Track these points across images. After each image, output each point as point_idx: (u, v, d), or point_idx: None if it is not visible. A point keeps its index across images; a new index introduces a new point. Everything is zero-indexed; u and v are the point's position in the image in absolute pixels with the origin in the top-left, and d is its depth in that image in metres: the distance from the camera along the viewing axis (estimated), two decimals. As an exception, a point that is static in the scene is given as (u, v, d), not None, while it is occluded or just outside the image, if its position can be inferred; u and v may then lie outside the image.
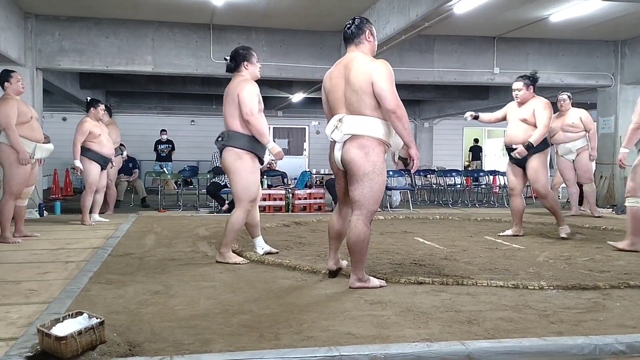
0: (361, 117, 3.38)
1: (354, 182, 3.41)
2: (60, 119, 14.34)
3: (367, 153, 3.36)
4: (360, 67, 3.40)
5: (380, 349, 2.36)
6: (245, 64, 4.36)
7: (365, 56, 3.50)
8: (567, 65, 9.71)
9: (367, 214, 3.40)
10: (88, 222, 6.80)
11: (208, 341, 2.47)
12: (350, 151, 3.39)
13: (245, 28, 8.81)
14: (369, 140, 3.38)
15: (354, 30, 3.56)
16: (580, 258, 4.61)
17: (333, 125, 3.44)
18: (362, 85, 3.36)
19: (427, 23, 6.50)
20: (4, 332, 2.69)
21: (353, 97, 3.39)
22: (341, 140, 3.43)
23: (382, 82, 3.33)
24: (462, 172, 12.49)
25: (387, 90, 3.33)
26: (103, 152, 6.95)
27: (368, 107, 3.37)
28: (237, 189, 4.31)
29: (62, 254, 4.80)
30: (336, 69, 3.56)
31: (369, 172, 3.35)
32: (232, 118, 4.26)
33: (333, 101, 3.52)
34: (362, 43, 3.56)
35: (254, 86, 4.27)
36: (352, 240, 3.40)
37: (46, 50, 8.25)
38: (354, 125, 3.39)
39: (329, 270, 3.76)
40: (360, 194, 3.38)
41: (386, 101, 3.32)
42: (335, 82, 3.51)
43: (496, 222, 7.19)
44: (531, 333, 2.62)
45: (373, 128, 3.38)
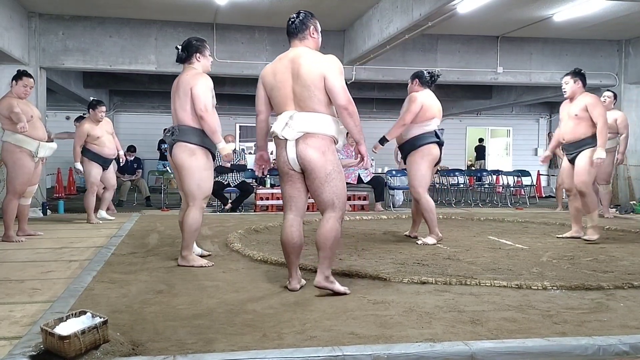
0: (313, 114, 3.24)
1: (318, 185, 3.25)
2: (63, 118, 14.36)
3: (324, 152, 3.24)
4: (310, 61, 3.26)
5: (384, 349, 2.35)
6: (198, 55, 4.17)
7: (313, 51, 3.37)
8: (571, 64, 9.62)
9: (339, 212, 3.29)
10: (94, 221, 6.82)
11: (211, 340, 2.47)
12: (308, 152, 3.23)
13: (249, 27, 8.82)
14: (323, 139, 3.25)
15: (298, 25, 3.40)
16: (583, 258, 4.60)
17: (283, 122, 3.26)
18: (313, 80, 3.22)
19: (430, 22, 6.49)
20: (8, 331, 2.70)
21: (304, 92, 3.24)
22: (293, 138, 3.25)
23: (333, 77, 3.21)
24: (465, 172, 12.47)
25: (339, 86, 3.21)
26: (104, 152, 6.95)
27: (320, 103, 3.24)
28: (190, 187, 4.09)
29: (65, 252, 4.81)
30: (281, 64, 3.36)
31: (331, 172, 3.24)
32: (184, 112, 4.07)
33: (279, 98, 3.33)
34: (306, 39, 3.41)
35: (208, 80, 4.10)
36: (325, 236, 3.24)
37: (50, 50, 8.27)
38: (307, 123, 3.23)
39: (291, 290, 3.40)
40: (328, 195, 3.25)
41: (338, 97, 3.20)
42: (281, 78, 3.31)
43: (499, 222, 7.18)
44: (534, 333, 2.61)
45: (326, 125, 3.26)
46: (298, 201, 3.38)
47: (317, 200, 3.31)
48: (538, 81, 9.87)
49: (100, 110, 7.04)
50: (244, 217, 7.38)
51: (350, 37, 8.92)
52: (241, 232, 5.73)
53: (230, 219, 7.09)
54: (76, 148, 6.80)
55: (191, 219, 4.10)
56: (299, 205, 3.39)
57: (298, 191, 3.37)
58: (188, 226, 4.10)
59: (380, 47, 7.78)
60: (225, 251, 4.77)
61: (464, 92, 13.68)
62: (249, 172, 9.15)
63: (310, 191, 3.34)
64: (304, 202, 3.41)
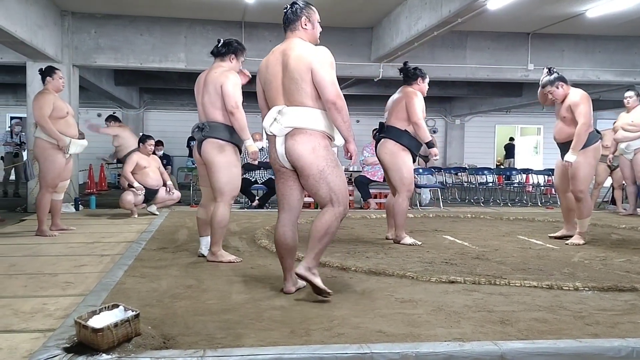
0: (302, 108, 3.10)
1: (312, 183, 3.11)
2: (95, 115, 14.62)
3: (314, 148, 3.09)
4: (299, 52, 3.13)
5: (412, 348, 2.34)
6: (232, 57, 4.25)
7: (304, 42, 3.22)
8: (604, 62, 9.50)
9: (340, 209, 3.12)
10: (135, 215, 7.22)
11: (240, 336, 2.50)
12: (296, 148, 3.09)
13: (277, 25, 8.75)
14: (312, 135, 3.10)
15: (290, 15, 3.28)
16: (616, 259, 4.51)
17: (272, 118, 3.16)
18: (301, 73, 3.08)
19: (460, 19, 6.42)
20: (42, 323, 2.77)
21: (292, 85, 3.11)
22: (281, 134, 3.14)
23: (322, 69, 3.07)
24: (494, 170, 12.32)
25: (327, 79, 3.06)
26: (147, 183, 7.28)
27: (309, 97, 3.10)
28: (219, 183, 4.09)
29: (97, 247, 4.90)
30: (273, 57, 3.26)
31: (324, 168, 3.08)
32: (214, 108, 4.11)
33: (271, 91, 3.23)
34: (298, 30, 3.27)
35: (237, 77, 4.15)
36: (320, 228, 3.10)
37: (82, 48, 8.42)
38: (295, 117, 3.11)
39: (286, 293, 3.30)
40: (325, 193, 3.11)
41: (326, 91, 3.06)
42: (272, 71, 3.21)
43: (529, 222, 7.08)
44: (566, 334, 2.57)
45: (315, 121, 3.11)
46: (291, 200, 3.26)
47: (315, 198, 3.21)
48: (570, 78, 9.50)
49: (150, 144, 7.50)
50: (271, 214, 7.41)
51: (377, 35, 8.88)
52: (268, 229, 5.76)
53: (258, 216, 7.13)
54: (127, 175, 7.19)
55: (219, 215, 4.12)
56: (292, 204, 3.26)
57: (290, 189, 3.25)
58: (216, 222, 4.12)
59: (408, 44, 7.72)
60: (253, 247, 4.81)
61: (494, 89, 13.50)
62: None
63: (306, 190, 3.22)
64: (297, 201, 3.28)
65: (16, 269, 4.01)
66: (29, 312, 2.94)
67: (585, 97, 5.09)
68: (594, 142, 5.09)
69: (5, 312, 2.93)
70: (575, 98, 5.05)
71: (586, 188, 5.15)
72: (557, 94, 5.17)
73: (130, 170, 7.19)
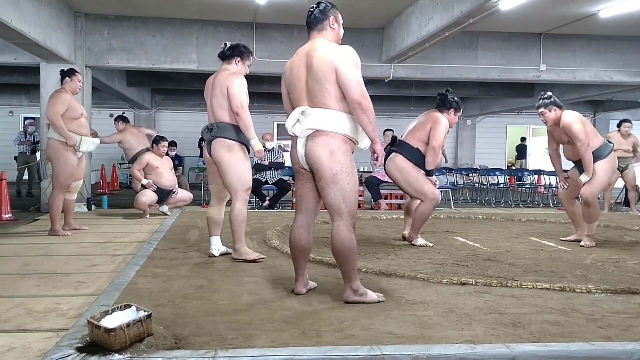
0: (325, 110, 3.06)
1: (324, 186, 3.07)
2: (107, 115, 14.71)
3: (333, 151, 3.04)
4: (322, 52, 3.08)
5: (423, 350, 2.34)
6: (238, 59, 4.34)
7: (329, 42, 3.18)
8: (617, 62, 9.42)
9: (347, 219, 3.06)
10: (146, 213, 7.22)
11: (251, 336, 2.50)
12: (315, 150, 3.06)
13: (288, 26, 8.86)
14: (333, 138, 3.05)
15: (318, 15, 3.22)
16: (629, 261, 4.47)
17: (294, 119, 3.12)
18: (325, 73, 3.04)
19: (471, 19, 6.39)
20: (55, 323, 2.79)
21: (316, 86, 3.07)
22: (303, 135, 3.11)
23: (346, 69, 3.02)
24: (506, 171, 12.26)
25: (352, 79, 3.01)
26: (161, 183, 7.32)
27: (332, 98, 3.06)
28: (232, 181, 4.19)
29: (109, 247, 4.93)
30: (297, 58, 3.23)
31: (338, 173, 3.03)
32: (221, 109, 4.21)
33: (295, 93, 3.20)
34: (325, 29, 3.23)
35: (242, 80, 4.23)
36: (338, 249, 3.06)
37: (95, 49, 8.48)
38: (317, 119, 3.06)
39: (296, 294, 3.28)
40: (334, 198, 3.05)
41: (351, 90, 3.00)
42: (296, 72, 3.18)
43: (541, 223, 7.04)
44: (579, 337, 2.56)
45: (338, 123, 3.06)
46: (308, 202, 3.25)
47: (324, 202, 3.16)
48: (582, 79, 9.62)
49: (163, 145, 7.54)
50: (281, 214, 7.43)
51: (388, 35, 8.87)
52: (279, 229, 5.78)
53: (268, 216, 7.14)
54: (134, 173, 7.24)
55: (236, 212, 4.22)
56: (309, 206, 3.26)
57: (308, 191, 3.23)
58: (234, 219, 4.22)
59: (419, 44, 7.70)
60: (263, 248, 4.82)
61: (505, 89, 13.44)
62: (287, 170, 9.21)
63: (319, 191, 3.18)
64: (314, 204, 3.27)
65: (29, 268, 4.05)
66: (42, 312, 2.97)
67: (577, 117, 5.13)
68: (607, 153, 5.15)
69: (19, 312, 2.96)
70: (567, 120, 5.09)
71: (597, 194, 5.15)
72: (548, 116, 5.20)
73: (138, 169, 7.21)
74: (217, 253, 4.43)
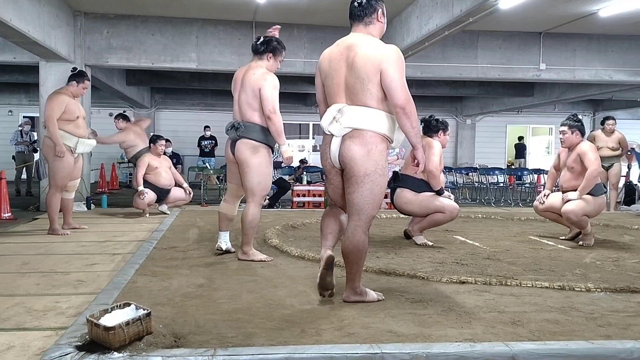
0: (365, 108, 2.95)
1: (352, 183, 2.97)
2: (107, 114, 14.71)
3: (370, 151, 2.93)
4: (368, 50, 2.95)
5: (422, 348, 2.34)
6: (270, 55, 4.18)
7: (374, 39, 3.05)
8: (617, 61, 9.42)
9: (366, 221, 2.99)
10: None
11: (250, 335, 2.50)
12: (351, 149, 2.95)
13: (288, 25, 8.84)
14: (372, 137, 2.95)
15: (366, 6, 3.07)
16: (629, 260, 4.47)
17: (331, 116, 3.00)
18: (368, 73, 2.92)
19: (471, 19, 6.40)
20: (54, 321, 2.79)
21: (357, 84, 2.95)
22: (340, 134, 2.99)
23: (393, 71, 2.90)
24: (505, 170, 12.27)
25: (398, 82, 2.90)
26: (160, 182, 7.29)
27: (374, 98, 2.94)
28: (252, 183, 4.10)
29: (109, 246, 4.93)
30: (337, 50, 3.07)
31: (371, 173, 2.93)
32: (251, 109, 4.08)
33: (331, 87, 3.06)
34: (373, 23, 3.09)
35: (275, 80, 4.09)
36: (350, 250, 2.99)
37: (95, 48, 8.48)
38: (356, 118, 2.95)
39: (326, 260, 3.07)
40: (360, 198, 2.95)
41: (395, 95, 2.90)
42: (335, 65, 3.04)
43: (541, 222, 7.02)
44: (578, 336, 2.56)
45: (378, 122, 2.96)
46: (339, 203, 3.20)
47: (347, 199, 3.04)
48: (582, 78, 9.63)
49: (160, 144, 7.48)
50: (281, 214, 7.43)
51: (388, 34, 8.84)
52: (278, 228, 5.78)
53: (268, 215, 7.14)
54: (138, 176, 7.19)
55: (251, 215, 4.15)
56: (341, 206, 3.20)
57: (339, 196, 3.16)
58: (247, 222, 4.15)
59: (419, 43, 7.70)
60: (263, 247, 4.81)
61: (505, 89, 13.45)
62: (287, 169, 9.21)
63: (344, 188, 3.07)
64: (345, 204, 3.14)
65: (29, 267, 4.05)
66: (42, 310, 2.97)
67: (594, 148, 5.26)
68: (600, 193, 5.23)
69: (18, 310, 2.96)
70: (584, 148, 5.16)
71: (577, 215, 5.07)
72: (568, 137, 5.24)
73: (143, 174, 7.18)
74: (225, 247, 4.42)
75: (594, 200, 5.14)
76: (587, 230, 5.20)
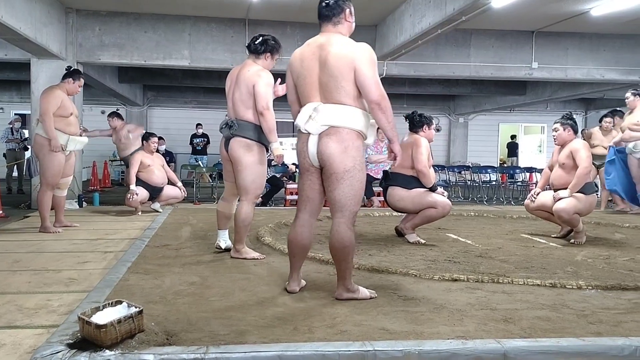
0: (340, 106, 2.98)
1: (333, 181, 3.00)
2: (99, 112, 14.65)
3: (347, 147, 2.97)
4: (341, 48, 2.99)
5: (415, 345, 2.34)
6: (267, 55, 4.18)
7: (345, 37, 3.10)
8: (609, 60, 9.48)
9: (349, 216, 3.01)
10: None
11: (243, 332, 2.50)
12: (329, 145, 2.98)
13: (281, 23, 8.85)
14: (348, 133, 2.99)
15: (334, 6, 3.12)
16: (620, 258, 4.50)
17: (307, 115, 3.03)
18: (342, 71, 2.95)
19: (464, 17, 6.42)
20: (45, 319, 2.78)
21: (330, 83, 2.98)
22: (317, 132, 3.02)
23: (366, 69, 2.95)
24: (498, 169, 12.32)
25: (371, 79, 2.94)
26: (152, 180, 7.28)
27: (348, 96, 2.98)
28: (245, 182, 4.10)
29: (100, 244, 4.91)
30: (309, 49, 3.10)
31: (350, 169, 2.97)
32: (245, 107, 4.07)
33: (304, 86, 3.09)
34: (341, 23, 3.13)
35: (270, 78, 4.09)
36: (337, 247, 3.02)
37: (87, 45, 8.44)
38: (332, 116, 2.98)
39: (289, 292, 3.22)
40: (341, 194, 2.98)
41: (370, 91, 2.94)
42: (307, 65, 3.07)
43: (533, 220, 7.05)
44: (569, 333, 2.57)
45: (354, 119, 3.00)
46: (314, 201, 3.17)
47: (328, 197, 3.07)
48: (574, 77, 9.68)
49: (153, 141, 7.45)
50: (274, 212, 7.42)
51: (382, 32, 8.88)
52: (271, 226, 5.78)
53: (261, 213, 7.13)
54: (131, 174, 7.15)
55: (244, 214, 4.15)
56: (313, 207, 3.18)
57: (316, 191, 3.15)
58: (240, 220, 4.15)
59: (412, 42, 7.72)
60: (256, 245, 4.81)
61: (498, 87, 13.51)
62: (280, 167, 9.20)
63: (324, 186, 3.10)
64: (319, 204, 3.20)
65: (20, 265, 4.03)
66: (33, 308, 2.95)
67: (587, 146, 5.27)
68: (590, 191, 5.24)
69: (9, 308, 2.95)
70: (576, 145, 5.17)
71: (568, 213, 5.08)
72: (560, 134, 5.26)
73: (135, 171, 7.14)
74: (224, 245, 4.42)
75: (585, 198, 5.16)
76: (579, 228, 5.23)
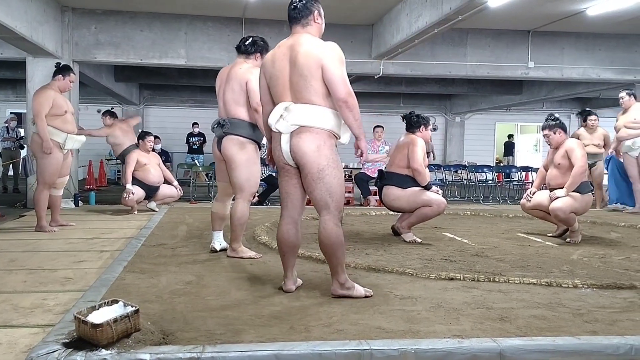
0: (310, 106, 3.03)
1: (310, 181, 3.05)
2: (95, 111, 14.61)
3: (319, 146, 3.02)
4: (309, 48, 3.04)
5: (411, 344, 2.35)
6: (257, 55, 4.20)
7: (314, 37, 3.15)
8: (604, 59, 9.49)
9: (335, 213, 3.06)
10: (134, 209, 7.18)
11: (239, 331, 2.50)
12: (301, 146, 3.03)
13: (277, 22, 8.83)
14: (319, 133, 3.03)
15: (301, 8, 3.17)
16: (615, 257, 4.52)
17: (278, 114, 3.07)
18: (311, 69, 3.00)
19: (460, 17, 6.42)
20: (41, 318, 2.77)
21: (300, 82, 3.03)
22: (287, 131, 3.06)
23: (334, 67, 2.99)
24: (494, 168, 12.33)
25: (339, 77, 2.99)
26: (148, 179, 7.26)
27: (317, 95, 3.02)
28: (239, 180, 4.10)
29: (96, 243, 4.90)
30: (280, 51, 3.16)
31: (324, 167, 3.01)
32: (237, 105, 4.09)
33: (277, 87, 3.13)
34: (310, 24, 3.18)
35: None
36: (325, 243, 3.06)
37: (82, 43, 8.41)
38: (301, 115, 3.03)
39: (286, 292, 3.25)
40: (321, 194, 3.04)
41: (337, 89, 2.98)
42: (279, 66, 3.12)
43: (529, 219, 7.07)
44: (565, 332, 2.58)
45: (324, 119, 3.04)
46: (294, 198, 3.21)
47: (310, 198, 3.12)
48: (570, 76, 9.70)
49: (149, 140, 7.45)
50: (270, 211, 7.42)
51: (378, 32, 8.88)
52: (268, 225, 5.77)
53: (257, 212, 7.13)
54: (127, 173, 7.13)
55: (239, 212, 4.15)
56: (295, 203, 3.22)
57: (294, 187, 3.19)
58: (236, 219, 4.14)
59: (408, 41, 7.72)
60: (252, 244, 4.81)
61: (494, 87, 13.52)
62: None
63: (304, 187, 3.15)
64: (301, 200, 3.23)
65: (16, 264, 4.01)
66: (29, 308, 2.94)
67: (581, 145, 5.29)
68: (587, 191, 5.25)
69: (5, 307, 2.94)
70: (571, 145, 5.19)
71: (564, 212, 5.09)
72: (552, 138, 5.28)
73: (131, 170, 7.12)
74: (219, 247, 4.40)
75: (581, 197, 5.17)
76: (575, 228, 5.24)
